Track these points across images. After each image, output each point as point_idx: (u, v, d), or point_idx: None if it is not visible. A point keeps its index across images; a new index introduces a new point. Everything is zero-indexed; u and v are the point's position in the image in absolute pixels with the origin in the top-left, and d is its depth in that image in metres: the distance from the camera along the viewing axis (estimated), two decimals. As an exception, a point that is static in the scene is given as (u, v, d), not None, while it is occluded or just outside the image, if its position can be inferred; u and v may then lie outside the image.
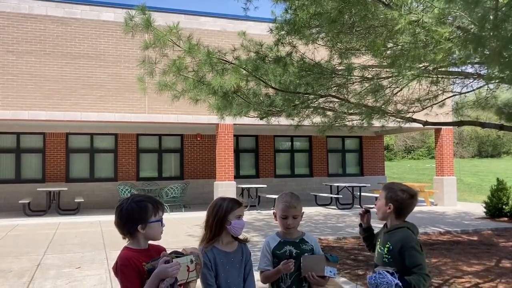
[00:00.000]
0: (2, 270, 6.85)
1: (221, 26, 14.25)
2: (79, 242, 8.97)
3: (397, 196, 2.87)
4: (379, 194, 2.99)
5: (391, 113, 6.76)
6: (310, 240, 2.90)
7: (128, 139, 16.73)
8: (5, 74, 12.32)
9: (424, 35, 3.76)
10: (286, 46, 6.73)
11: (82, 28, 13.08)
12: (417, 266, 2.69)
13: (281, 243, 2.84)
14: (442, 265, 7.02)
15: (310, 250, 2.84)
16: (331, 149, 19.54)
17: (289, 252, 2.80)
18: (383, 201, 2.91)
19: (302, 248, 2.83)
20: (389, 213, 2.88)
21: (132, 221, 2.34)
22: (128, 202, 2.39)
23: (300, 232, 2.93)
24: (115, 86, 13.21)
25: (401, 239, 2.79)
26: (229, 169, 13.92)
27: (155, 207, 2.38)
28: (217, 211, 2.71)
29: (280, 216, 2.85)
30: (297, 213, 2.84)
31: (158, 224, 2.39)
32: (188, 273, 2.26)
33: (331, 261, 2.74)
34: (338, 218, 12.73)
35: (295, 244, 2.83)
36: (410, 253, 2.72)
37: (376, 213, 2.98)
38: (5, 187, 15.18)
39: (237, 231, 2.71)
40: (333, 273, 2.72)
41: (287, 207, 2.82)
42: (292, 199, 2.85)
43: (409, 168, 39.02)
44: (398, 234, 2.83)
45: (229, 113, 7.00)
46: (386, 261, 2.80)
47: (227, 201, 2.75)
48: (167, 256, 2.24)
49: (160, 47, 5.99)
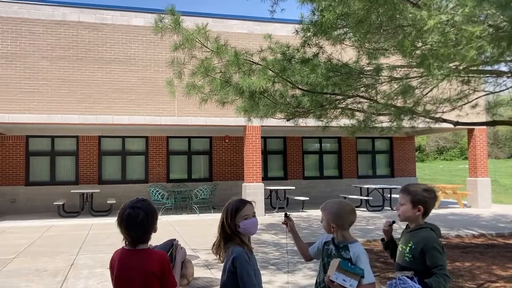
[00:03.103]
0: (38, 269, 7.06)
1: (248, 28, 14.32)
2: (111, 243, 9.16)
3: (425, 198, 2.91)
4: (401, 198, 2.98)
5: (420, 113, 6.63)
6: (353, 250, 2.79)
7: (159, 142, 16.99)
8: (39, 80, 12.72)
9: (454, 33, 3.68)
10: (313, 47, 6.70)
11: (113, 33, 13.37)
12: (438, 267, 2.72)
13: (331, 240, 2.90)
14: (475, 269, 6.84)
15: (347, 259, 2.75)
16: (360, 150, 19.31)
17: (330, 251, 2.85)
18: (409, 205, 2.92)
19: (340, 253, 2.81)
20: (418, 215, 2.91)
21: (148, 229, 2.42)
22: (141, 210, 2.41)
23: (350, 239, 2.87)
24: (145, 90, 13.44)
25: (423, 239, 2.83)
26: (257, 170, 13.95)
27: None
28: (225, 216, 2.71)
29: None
30: (324, 216, 2.90)
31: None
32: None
33: (347, 270, 2.62)
34: (368, 220, 12.57)
35: (337, 247, 2.84)
36: (432, 254, 2.75)
37: (398, 216, 3.00)
38: (41, 189, 15.66)
39: (250, 231, 2.69)
40: (349, 284, 2.58)
41: (321, 210, 2.93)
42: (325, 203, 2.94)
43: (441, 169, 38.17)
44: (421, 233, 2.87)
45: (256, 115, 7.02)
46: (407, 259, 2.85)
47: (231, 205, 2.73)
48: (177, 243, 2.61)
49: (189, 47, 6.06)
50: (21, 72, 12.60)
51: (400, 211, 2.96)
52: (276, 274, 6.61)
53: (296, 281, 6.20)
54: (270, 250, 8.34)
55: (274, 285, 6.05)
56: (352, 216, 2.90)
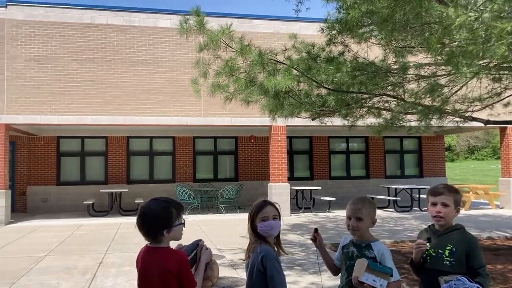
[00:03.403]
0: (68, 267, 7.23)
1: (274, 28, 14.30)
2: (139, 242, 9.27)
3: (461, 197, 2.82)
4: (444, 199, 2.78)
5: (449, 112, 6.48)
6: (376, 248, 2.77)
7: (185, 142, 17.16)
8: (70, 82, 13.02)
9: (483, 30, 3.58)
10: (338, 45, 6.64)
11: (140, 35, 13.57)
12: (482, 267, 2.66)
13: (350, 242, 2.84)
14: (508, 272, 6.63)
15: (372, 258, 2.72)
16: (388, 150, 19.02)
17: (352, 253, 2.78)
18: (453, 206, 2.78)
19: (363, 253, 2.75)
20: (455, 216, 2.81)
21: (156, 227, 2.40)
22: (151, 207, 2.45)
23: (372, 238, 2.83)
24: (172, 91, 13.59)
25: (466, 240, 2.73)
26: (282, 170, 13.91)
27: (179, 210, 2.45)
28: (248, 217, 2.74)
29: (346, 216, 2.83)
30: (362, 215, 2.76)
31: (180, 227, 2.45)
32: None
33: (376, 270, 2.58)
34: (396, 221, 12.37)
35: (359, 248, 2.78)
36: (477, 254, 2.68)
37: (439, 220, 2.79)
38: (71, 189, 16.04)
39: (268, 232, 2.67)
40: (379, 284, 2.55)
41: (351, 206, 2.80)
42: (358, 201, 2.82)
43: (473, 169, 37.25)
44: (457, 235, 2.76)
45: (280, 114, 7.00)
46: (448, 263, 2.70)
47: (253, 206, 2.75)
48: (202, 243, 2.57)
49: (213, 48, 6.10)
50: (52, 74, 12.93)
51: (444, 213, 2.76)
52: (302, 275, 6.58)
53: (321, 282, 6.16)
54: (296, 251, 8.30)
55: (299, 286, 6.03)
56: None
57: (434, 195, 2.81)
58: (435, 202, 2.79)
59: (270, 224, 2.66)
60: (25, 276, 6.68)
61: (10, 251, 8.66)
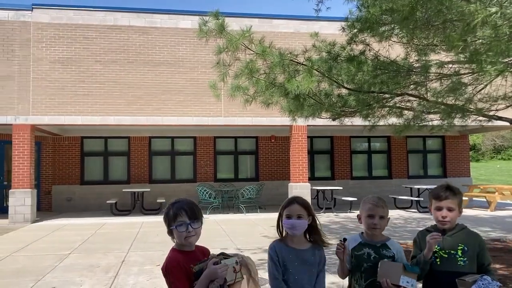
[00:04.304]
0: (91, 265, 7.36)
1: (294, 27, 14.26)
2: (160, 241, 9.39)
3: (462, 197, 2.86)
4: (450, 203, 2.76)
5: (472, 111, 6.35)
6: (393, 247, 2.80)
7: (206, 142, 17.27)
8: (93, 83, 13.25)
9: (507, 27, 3.50)
10: (359, 44, 6.57)
11: (162, 36, 13.71)
12: (490, 263, 2.73)
13: (361, 244, 2.80)
14: (534, 274, 6.46)
15: (391, 257, 2.74)
16: (411, 150, 18.76)
17: (368, 254, 2.75)
18: (458, 209, 2.79)
19: (382, 253, 2.75)
20: (458, 217, 2.82)
21: (167, 226, 2.51)
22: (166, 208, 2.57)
23: (384, 237, 2.85)
24: (193, 91, 13.69)
25: (476, 239, 2.77)
26: (303, 170, 13.87)
27: (176, 213, 2.47)
28: (280, 209, 2.79)
29: (366, 215, 2.81)
30: (384, 214, 2.79)
31: (179, 230, 2.45)
32: (235, 274, 2.33)
33: (409, 271, 2.61)
34: (419, 222, 12.19)
35: (375, 248, 2.77)
36: (486, 251, 2.74)
37: (445, 224, 2.79)
38: (95, 188, 16.32)
39: (289, 230, 2.70)
40: (410, 284, 2.59)
41: (374, 206, 2.79)
42: (379, 199, 2.84)
43: (499, 169, 36.43)
44: (465, 234, 2.78)
45: (301, 115, 6.97)
46: (462, 263, 2.70)
47: (285, 201, 2.79)
48: (216, 258, 2.34)
49: (233, 50, 6.10)
50: (76, 75, 13.17)
51: (450, 218, 2.76)
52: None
53: (341, 282, 6.11)
54: (316, 251, 8.24)
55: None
56: None
57: (439, 199, 2.78)
58: (440, 207, 2.78)
59: (293, 223, 2.67)
60: (49, 273, 6.82)
61: (35, 249, 8.86)
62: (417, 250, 2.84)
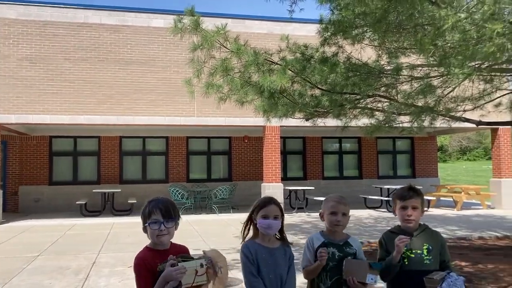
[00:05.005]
0: (61, 267, 7.20)
1: (268, 28, 14.33)
2: (132, 242, 9.27)
3: (424, 198, 2.97)
4: (414, 202, 2.87)
5: (441, 113, 6.53)
6: (355, 244, 2.89)
7: (178, 142, 17.14)
8: (63, 81, 12.96)
9: (475, 31, 3.61)
10: (332, 46, 6.67)
11: (134, 35, 13.54)
12: (450, 260, 2.89)
13: (325, 244, 2.85)
14: (499, 271, 6.69)
15: (353, 254, 2.83)
16: (381, 151, 19.12)
17: (332, 254, 2.80)
18: (421, 208, 2.90)
19: (345, 251, 2.82)
20: (421, 216, 2.93)
21: (143, 223, 2.54)
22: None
23: (345, 235, 2.93)
24: (165, 91, 13.57)
25: (439, 237, 2.91)
26: (276, 171, 13.94)
27: (151, 211, 2.50)
28: (252, 209, 2.81)
29: (329, 213, 2.88)
30: (346, 211, 2.87)
31: (151, 227, 2.47)
32: (194, 277, 2.29)
33: (374, 268, 2.69)
34: (389, 221, 12.43)
35: (338, 247, 2.83)
36: (447, 248, 2.88)
37: (411, 223, 2.88)
38: (64, 189, 15.96)
39: (264, 230, 2.73)
40: (374, 281, 2.69)
41: (337, 203, 2.87)
42: (341, 197, 2.93)
43: (465, 169, 37.51)
44: (427, 234, 2.89)
45: (274, 114, 7.02)
46: (428, 262, 2.80)
47: (259, 201, 2.82)
48: (174, 260, 2.30)
49: (208, 48, 6.08)
50: (45, 73, 12.86)
51: (415, 216, 2.85)
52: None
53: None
54: (289, 251, 8.31)
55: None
56: None
57: (404, 199, 2.88)
58: (405, 206, 2.87)
59: (270, 224, 2.71)
60: (17, 276, 6.64)
61: (1, 251, 8.60)
62: (383, 252, 2.90)
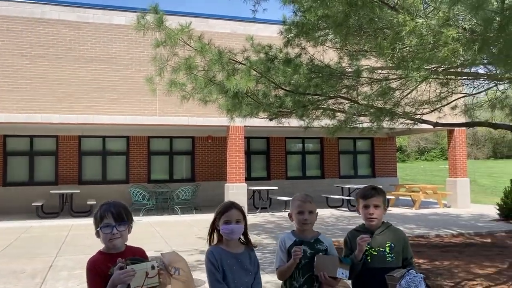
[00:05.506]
0: (15, 271, 6.95)
1: (231, 28, 14.32)
2: (92, 244, 9.05)
3: (386, 196, 3.07)
4: (376, 201, 2.94)
5: (400, 114, 6.72)
6: (325, 240, 2.95)
7: (140, 142, 16.86)
8: (19, 78, 12.51)
9: (432, 36, 3.74)
10: (295, 48, 6.73)
11: (94, 32, 13.23)
12: (412, 257, 2.96)
13: (297, 242, 2.88)
14: (453, 267, 6.96)
15: (324, 250, 2.89)
16: (342, 151, 19.47)
17: (304, 252, 2.83)
18: (383, 206, 2.97)
19: (317, 248, 2.88)
20: (383, 215, 3.00)
21: (95, 228, 2.54)
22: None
23: (315, 232, 2.99)
24: (127, 89, 13.33)
25: (401, 235, 2.99)
26: (240, 171, 13.95)
27: (102, 215, 2.49)
28: (215, 215, 2.81)
29: (297, 212, 2.92)
30: (312, 209, 2.92)
31: (103, 231, 2.47)
32: (145, 279, 2.26)
33: (344, 263, 2.76)
34: (350, 220, 12.68)
35: (309, 244, 2.88)
36: (409, 245, 2.96)
37: (373, 221, 2.95)
38: (19, 190, 15.39)
39: (227, 236, 2.73)
40: (345, 275, 2.75)
41: (302, 202, 2.92)
42: (306, 196, 2.98)
43: (423, 169, 38.69)
44: (390, 232, 2.96)
45: (239, 114, 7.02)
46: (390, 259, 2.87)
47: (220, 207, 2.81)
48: (122, 263, 2.28)
49: (171, 45, 6.00)
50: (-1, 70, 12.37)
51: (377, 214, 2.93)
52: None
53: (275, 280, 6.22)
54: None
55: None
56: None
57: (365, 198, 2.96)
58: (367, 205, 2.95)
59: (232, 228, 2.71)
60: (-32, 281, 6.36)
61: (-48, 256, 8.22)
62: (348, 250, 2.96)
